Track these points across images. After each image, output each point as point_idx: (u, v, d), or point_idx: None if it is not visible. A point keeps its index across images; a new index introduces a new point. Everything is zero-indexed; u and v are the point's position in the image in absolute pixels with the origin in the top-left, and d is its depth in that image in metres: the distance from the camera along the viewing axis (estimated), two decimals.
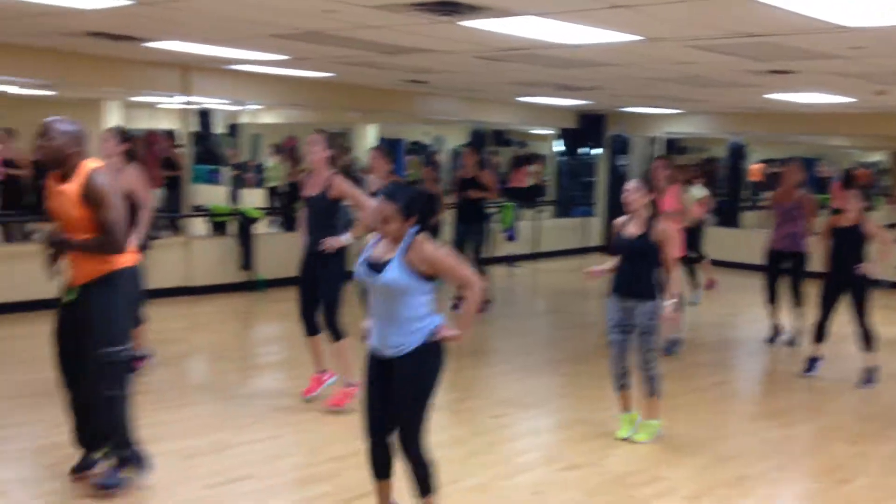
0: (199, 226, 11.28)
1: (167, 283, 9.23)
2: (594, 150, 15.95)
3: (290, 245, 6.59)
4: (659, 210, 5.42)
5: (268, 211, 13.06)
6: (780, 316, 8.32)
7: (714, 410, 6.37)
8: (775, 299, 8.21)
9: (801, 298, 8.03)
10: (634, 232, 5.32)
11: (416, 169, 17.09)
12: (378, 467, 3.75)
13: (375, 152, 7.80)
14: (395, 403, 3.59)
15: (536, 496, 4.55)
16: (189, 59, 8.84)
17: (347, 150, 18.26)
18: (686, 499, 4.60)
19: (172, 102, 12.44)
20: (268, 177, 15.35)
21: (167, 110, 17.30)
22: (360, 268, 3.62)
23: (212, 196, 14.53)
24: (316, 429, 5.48)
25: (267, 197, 15.11)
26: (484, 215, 9.63)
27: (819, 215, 8.40)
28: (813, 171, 17.90)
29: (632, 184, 5.36)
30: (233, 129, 17.31)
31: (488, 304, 9.51)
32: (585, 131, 15.31)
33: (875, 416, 6.30)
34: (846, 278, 6.83)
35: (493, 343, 8.49)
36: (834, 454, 5.46)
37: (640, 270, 5.31)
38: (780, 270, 8.09)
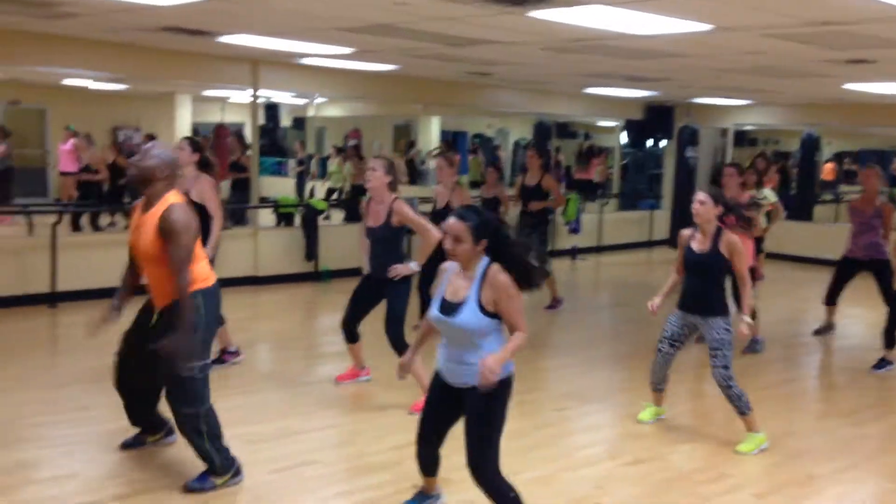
0: (266, 217, 11.49)
1: (234, 272, 9.41)
2: (662, 142, 15.69)
3: (353, 237, 6.65)
4: (728, 222, 5.26)
5: (332, 203, 13.21)
6: (835, 317, 8.30)
7: (782, 408, 6.22)
8: (835, 302, 8.10)
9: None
10: (702, 246, 5.17)
11: (477, 169, 17.02)
12: (425, 466, 3.89)
13: (442, 161, 7.74)
14: (465, 432, 3.56)
15: (599, 490, 4.51)
16: (258, 53, 8.99)
17: (412, 144, 18.36)
18: (754, 496, 4.52)
19: (241, 97, 12.68)
20: (331, 178, 15.47)
21: (236, 105, 17.73)
22: (434, 308, 3.60)
23: (278, 188, 14.80)
24: (376, 418, 5.53)
25: (329, 196, 15.24)
26: (547, 216, 9.43)
27: None
28: (889, 168, 17.30)
29: (701, 195, 5.16)
30: (298, 122, 17.60)
31: (559, 303, 9.40)
32: (652, 123, 15.05)
33: None
34: None
35: (556, 336, 8.44)
36: None
37: (707, 286, 5.17)
38: (849, 278, 7.84)
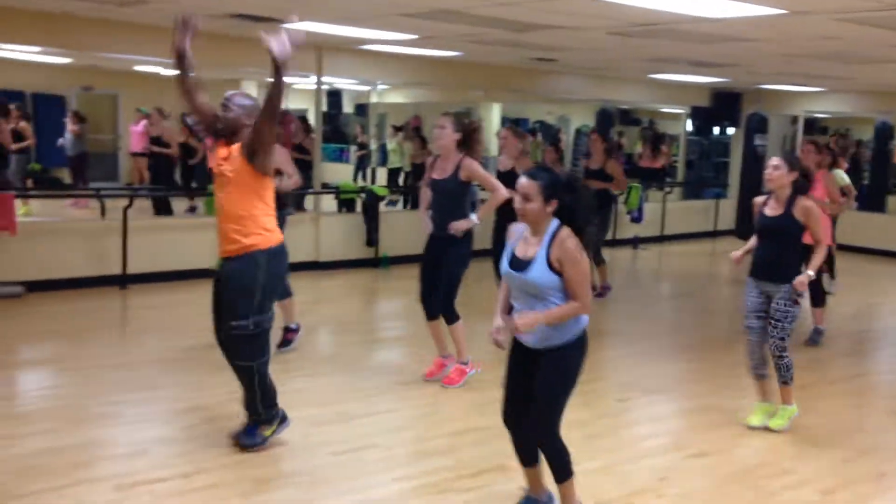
0: (328, 203, 11.59)
1: (296, 257, 9.41)
2: (729, 130, 15.33)
3: (414, 223, 6.67)
4: (804, 191, 5.14)
5: (393, 189, 13.26)
6: None
7: (852, 403, 6.05)
8: None
9: None
10: (775, 211, 5.08)
11: (536, 151, 16.87)
12: (523, 455, 3.76)
13: (507, 131, 7.70)
14: (534, 393, 3.55)
15: (662, 482, 4.44)
16: (322, 39, 9.04)
17: (479, 127, 18.30)
18: (820, 493, 4.40)
19: (305, 83, 12.78)
20: (390, 159, 15.50)
21: (300, 91, 17.91)
22: (505, 263, 3.61)
23: (339, 174, 14.92)
24: (435, 404, 5.55)
25: (389, 178, 15.30)
26: (608, 201, 9.25)
27: None
28: None
29: (775, 160, 5.09)
30: (360, 108, 17.70)
31: (607, 290, 9.27)
32: (719, 110, 14.70)
33: None
34: None
35: (618, 325, 8.34)
36: None
37: (780, 251, 5.06)
38: None
